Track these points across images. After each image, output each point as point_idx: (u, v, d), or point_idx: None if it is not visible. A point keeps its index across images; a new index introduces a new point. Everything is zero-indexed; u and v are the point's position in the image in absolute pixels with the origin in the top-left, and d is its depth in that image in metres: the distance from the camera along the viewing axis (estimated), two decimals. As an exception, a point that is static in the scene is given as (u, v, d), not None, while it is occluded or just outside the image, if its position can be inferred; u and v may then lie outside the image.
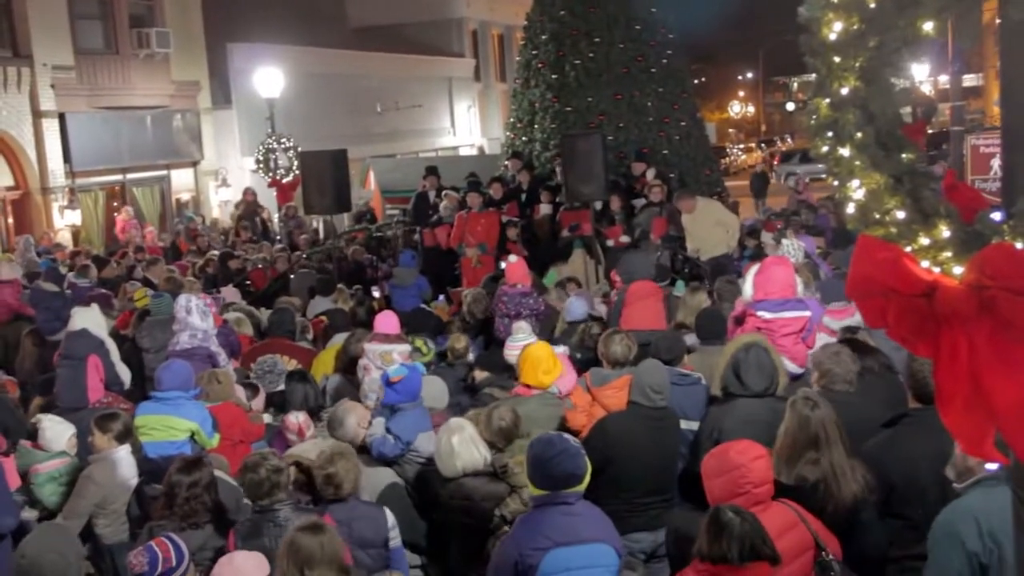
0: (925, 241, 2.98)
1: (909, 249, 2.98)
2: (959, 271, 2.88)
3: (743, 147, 74.11)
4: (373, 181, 25.29)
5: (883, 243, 2.95)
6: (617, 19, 19.36)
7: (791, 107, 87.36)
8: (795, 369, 7.05)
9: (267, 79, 26.69)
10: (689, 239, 14.20)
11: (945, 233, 2.95)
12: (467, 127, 42.29)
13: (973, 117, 22.73)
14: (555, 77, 19.51)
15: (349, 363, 8.68)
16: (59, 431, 7.12)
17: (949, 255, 2.94)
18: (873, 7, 2.96)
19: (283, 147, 25.32)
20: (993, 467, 3.12)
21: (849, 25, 3.01)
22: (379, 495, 6.15)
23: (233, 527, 5.47)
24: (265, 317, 11.60)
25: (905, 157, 3.06)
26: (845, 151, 3.08)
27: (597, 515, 4.95)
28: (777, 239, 12.24)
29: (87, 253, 18.48)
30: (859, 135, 3.04)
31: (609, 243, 15.59)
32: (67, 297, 12.63)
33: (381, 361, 7.50)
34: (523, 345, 7.59)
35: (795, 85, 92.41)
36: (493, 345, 9.67)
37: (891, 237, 3.02)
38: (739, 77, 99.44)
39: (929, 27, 2.95)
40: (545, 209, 17.03)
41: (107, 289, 13.78)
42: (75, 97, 23.85)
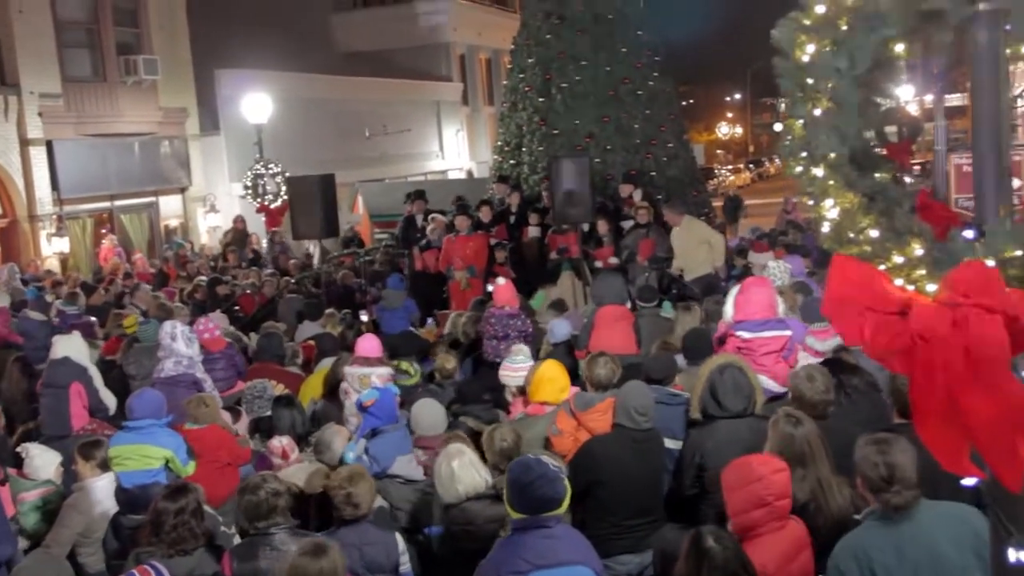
0: (899, 259, 3.00)
1: (883, 267, 3.00)
2: (933, 289, 2.90)
3: (731, 168, 74.46)
4: (361, 205, 25.32)
5: (858, 262, 2.98)
6: (603, 42, 19.45)
7: (779, 128, 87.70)
8: (775, 388, 7.07)
9: (255, 105, 26.75)
10: (675, 258, 14.28)
11: (918, 251, 2.98)
12: (455, 151, 42.39)
13: (957, 136, 22.84)
14: (542, 100, 19.57)
15: (337, 387, 8.68)
16: (47, 460, 7.10)
17: (923, 273, 2.97)
18: (844, 29, 2.99)
19: (271, 172, 25.33)
20: (970, 482, 3.13)
21: (821, 47, 3.04)
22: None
23: (228, 550, 5.45)
24: (254, 342, 11.59)
25: (878, 176, 3.09)
26: (819, 171, 3.11)
27: (576, 538, 4.95)
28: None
29: (75, 280, 18.44)
30: (832, 155, 3.07)
31: (598, 264, 15.61)
32: (54, 326, 12.60)
33: (359, 384, 7.51)
34: (523, 367, 7.61)
35: (783, 106, 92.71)
36: (482, 367, 9.68)
37: (865, 256, 3.05)
38: (727, 98, 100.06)
39: (899, 48, 2.99)
40: (533, 232, 17.06)
41: (95, 316, 13.75)
42: (63, 125, 23.85)
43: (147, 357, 9.86)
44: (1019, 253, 2.86)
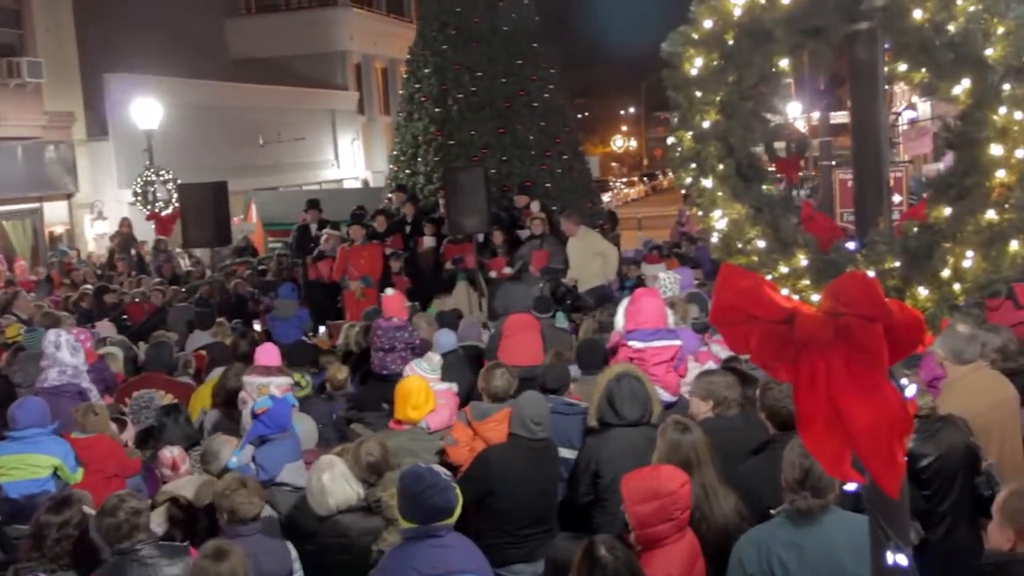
0: (784, 270, 3.08)
1: (770, 277, 3.07)
2: (816, 299, 2.98)
3: (626, 181, 75.45)
4: (255, 214, 25.00)
5: (745, 272, 3.04)
6: (499, 54, 19.55)
7: (672, 141, 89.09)
8: (667, 397, 7.17)
9: (145, 110, 26.23)
10: (570, 268, 14.41)
11: (803, 262, 3.05)
12: (351, 160, 42.12)
13: (841, 152, 23.51)
14: (438, 111, 19.58)
15: (228, 397, 8.52)
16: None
17: (807, 283, 3.04)
18: (731, 44, 3.06)
19: (162, 179, 24.85)
20: (852, 487, 3.22)
21: (709, 61, 3.10)
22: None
23: (93, 573, 5.31)
24: (143, 351, 11.33)
25: (765, 188, 3.16)
26: (708, 182, 3.17)
27: (468, 546, 4.96)
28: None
29: (-48, 289, 17.80)
30: (720, 167, 3.13)
31: (492, 275, 15.65)
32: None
33: (258, 394, 7.39)
34: (420, 376, 7.57)
35: (676, 120, 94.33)
36: (371, 379, 9.62)
37: (753, 266, 3.12)
38: (622, 112, 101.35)
39: (784, 63, 3.07)
40: (429, 242, 17.04)
41: (-27, 326, 13.29)
42: (-60, 127, 23.10)
43: (33, 364, 9.58)
44: (898, 264, 2.95)
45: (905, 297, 2.95)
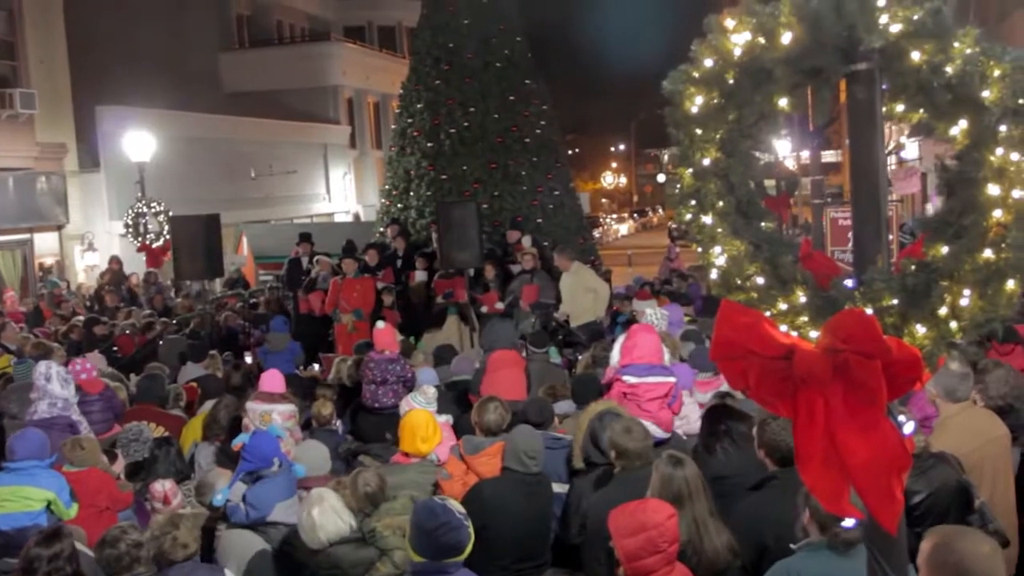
0: (783, 306, 3.11)
1: (768, 314, 3.10)
2: (815, 335, 3.00)
3: (616, 217, 75.74)
4: (246, 247, 25.00)
5: (744, 308, 3.07)
6: (491, 89, 19.66)
7: (662, 178, 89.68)
8: (660, 434, 7.16)
9: (137, 142, 26.27)
10: (562, 303, 14.45)
11: (802, 299, 3.09)
12: (343, 194, 42.16)
13: (832, 192, 23.67)
14: (430, 145, 19.66)
15: (216, 427, 8.48)
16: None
17: (806, 320, 3.08)
18: (731, 83, 3.11)
19: (153, 211, 24.85)
20: (850, 523, 3.23)
21: (709, 99, 3.15)
22: (248, 562, 6.01)
23: None
24: (134, 384, 11.30)
25: (764, 225, 3.20)
26: (707, 219, 3.20)
27: (475, 584, 4.94)
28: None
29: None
30: (720, 203, 3.17)
31: (483, 309, 15.66)
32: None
33: (260, 421, 7.36)
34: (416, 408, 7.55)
35: (666, 157, 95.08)
36: (361, 412, 9.60)
37: (752, 302, 3.15)
38: (612, 148, 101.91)
39: (784, 103, 3.12)
40: (421, 276, 17.06)
41: (-38, 356, 13.23)
42: (-68, 158, 23.07)
43: (26, 395, 9.53)
44: (896, 302, 2.98)
45: (903, 334, 2.98)
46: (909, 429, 3.08)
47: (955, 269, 2.93)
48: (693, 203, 3.23)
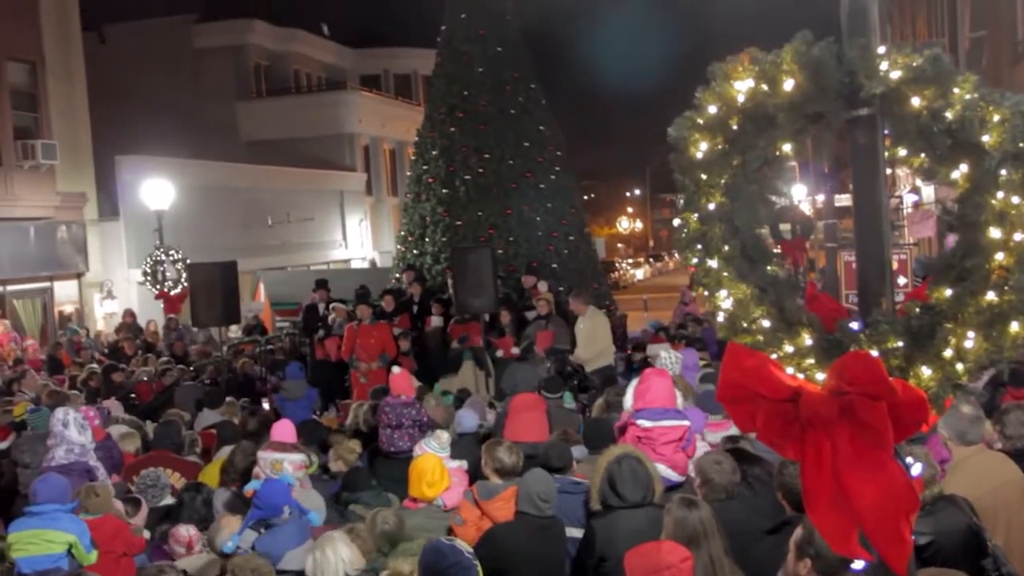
0: (789, 348, 3.13)
1: (775, 356, 3.13)
2: (821, 377, 3.03)
3: (632, 262, 75.77)
4: (263, 293, 25.12)
5: (750, 350, 3.09)
6: (506, 136, 19.82)
7: (678, 223, 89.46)
8: (675, 477, 7.15)
9: (156, 191, 26.52)
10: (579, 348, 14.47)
11: (808, 341, 3.11)
12: (359, 240, 42.39)
13: (846, 235, 23.65)
14: (445, 191, 19.80)
15: (238, 473, 8.50)
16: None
17: (812, 362, 3.10)
18: (735, 128, 3.16)
19: (171, 259, 25.05)
20: (859, 565, 3.23)
21: (714, 145, 3.20)
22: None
23: None
24: (151, 430, 11.33)
25: (769, 269, 3.23)
26: (713, 263, 3.24)
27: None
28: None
29: (-38, 367, 17.86)
30: (726, 247, 3.21)
31: (499, 354, 15.68)
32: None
33: (271, 470, 7.37)
34: (428, 452, 7.56)
35: (682, 202, 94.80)
36: (378, 457, 9.61)
37: (758, 345, 3.17)
38: (627, 194, 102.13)
39: (787, 148, 3.16)
40: (436, 321, 17.11)
41: (-18, 403, 13.30)
42: (-46, 209, 23.33)
43: (40, 444, 9.58)
44: (901, 344, 3.00)
45: (908, 376, 3.00)
46: (917, 471, 3.09)
47: (959, 311, 2.95)
48: (699, 247, 3.28)
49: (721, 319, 3.29)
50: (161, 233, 25.82)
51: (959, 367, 3.03)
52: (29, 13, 25.72)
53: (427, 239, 20.04)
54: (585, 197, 45.09)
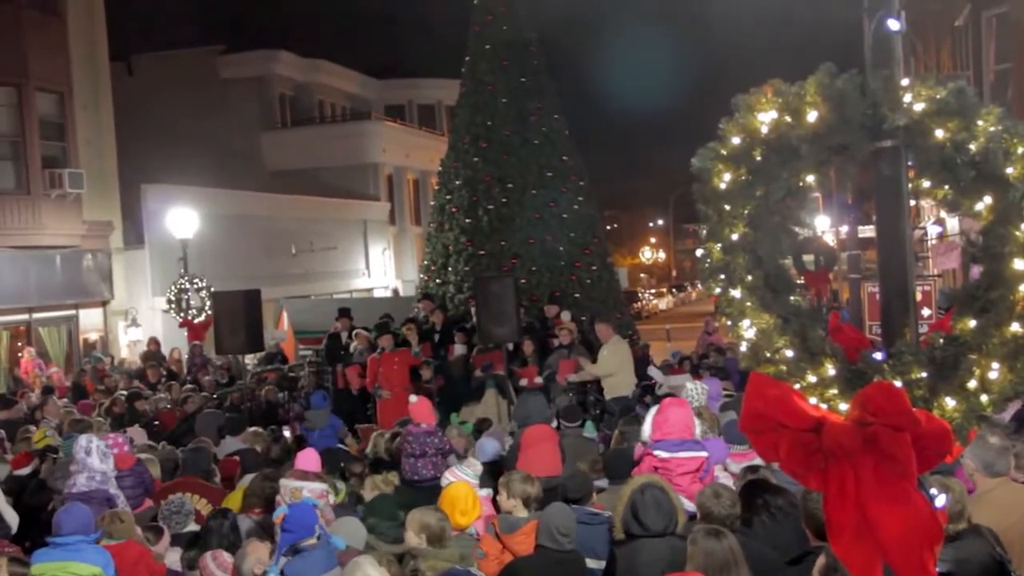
0: (812, 379, 3.14)
1: (798, 386, 3.13)
2: (844, 407, 3.03)
3: (655, 292, 75.61)
4: (287, 321, 25.19)
5: (773, 380, 3.10)
6: (529, 166, 19.89)
7: (701, 253, 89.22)
8: (692, 508, 7.12)
9: (181, 220, 26.70)
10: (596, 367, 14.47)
11: (831, 371, 3.12)
12: (382, 269, 42.50)
13: (869, 266, 23.59)
14: (468, 221, 19.87)
15: (260, 500, 8.52)
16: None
17: (835, 392, 3.10)
18: (759, 159, 3.17)
19: (196, 287, 25.18)
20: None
21: (737, 176, 3.21)
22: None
23: None
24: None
25: (793, 299, 3.24)
26: (736, 293, 3.25)
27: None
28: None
29: (-15, 394, 17.96)
30: (749, 277, 3.22)
31: (522, 383, 15.67)
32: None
33: (291, 498, 7.39)
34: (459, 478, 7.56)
35: (705, 232, 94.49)
36: (401, 485, 9.61)
37: (781, 375, 3.18)
38: (650, 224, 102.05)
39: (811, 179, 3.18)
40: (460, 349, 17.12)
41: (6, 431, 13.39)
42: (-18, 236, 23.52)
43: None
44: (925, 375, 3.00)
45: (932, 407, 2.99)
46: (941, 502, 3.08)
47: (983, 342, 2.94)
48: (722, 277, 3.29)
49: (744, 349, 3.30)
50: (186, 261, 25.98)
51: (983, 398, 3.03)
52: (58, 44, 26.01)
53: (450, 268, 20.09)
54: (608, 227, 45.14)
